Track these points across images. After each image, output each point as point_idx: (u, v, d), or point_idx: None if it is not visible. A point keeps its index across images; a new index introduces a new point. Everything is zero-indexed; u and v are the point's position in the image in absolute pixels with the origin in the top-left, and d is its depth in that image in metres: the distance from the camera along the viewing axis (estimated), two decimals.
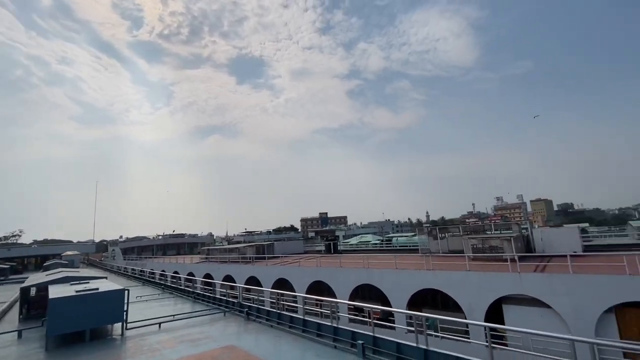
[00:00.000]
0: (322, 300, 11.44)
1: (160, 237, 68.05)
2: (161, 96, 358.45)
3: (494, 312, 13.91)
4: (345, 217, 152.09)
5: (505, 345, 13.36)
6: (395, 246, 38.06)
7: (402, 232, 69.83)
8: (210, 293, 15.23)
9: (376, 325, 8.27)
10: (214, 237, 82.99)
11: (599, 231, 37.94)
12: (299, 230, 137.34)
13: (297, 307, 12.78)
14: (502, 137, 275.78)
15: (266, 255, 29.00)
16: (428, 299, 18.31)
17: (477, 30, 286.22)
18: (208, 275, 29.66)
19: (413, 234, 41.32)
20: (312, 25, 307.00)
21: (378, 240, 45.27)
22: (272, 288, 22.24)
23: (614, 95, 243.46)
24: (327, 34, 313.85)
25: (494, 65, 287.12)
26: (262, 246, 32.39)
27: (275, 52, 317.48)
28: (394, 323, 16.27)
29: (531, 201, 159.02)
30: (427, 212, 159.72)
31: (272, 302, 12.99)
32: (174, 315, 11.72)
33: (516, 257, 14.24)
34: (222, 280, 26.58)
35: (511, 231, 21.12)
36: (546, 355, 5.95)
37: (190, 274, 31.61)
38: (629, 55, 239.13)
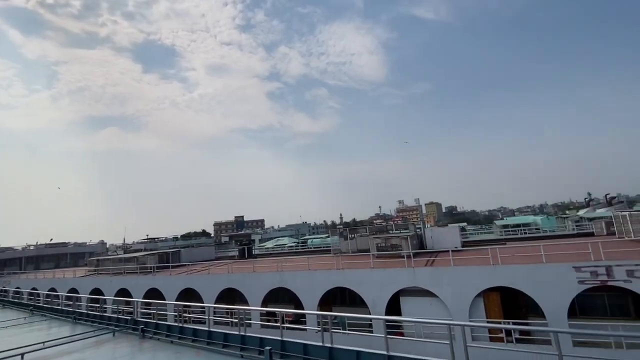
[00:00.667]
0: (231, 309, 10.97)
1: (32, 248, 55.81)
2: (40, 76, 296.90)
3: (394, 304, 15.45)
4: (262, 221, 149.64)
5: (402, 334, 14.97)
6: (310, 248, 39.11)
7: (317, 234, 72.24)
8: (99, 311, 13.07)
9: (288, 328, 8.29)
10: (107, 246, 71.97)
11: (474, 229, 45.91)
12: (212, 235, 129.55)
13: (204, 318, 11.93)
14: (405, 147, 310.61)
15: (170, 264, 26.41)
16: (338, 296, 19.26)
17: (387, 50, 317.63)
18: (97, 291, 25.47)
19: (327, 235, 43.13)
20: (232, 21, 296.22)
21: (294, 242, 45.87)
22: (176, 300, 20.35)
23: (494, 117, 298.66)
24: (247, 32, 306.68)
25: (400, 83, 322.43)
26: (166, 254, 29.39)
27: (190, 42, 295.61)
28: (306, 324, 16.65)
29: (426, 204, 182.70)
30: (340, 214, 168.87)
31: (175, 316, 11.85)
32: (44, 343, 9.64)
33: (411, 254, 16.09)
34: (116, 295, 23.18)
35: (408, 231, 23.81)
36: (429, 340, 6.80)
37: (73, 290, 26.65)
38: (511, 82, 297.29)
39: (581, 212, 35.40)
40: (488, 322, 13.37)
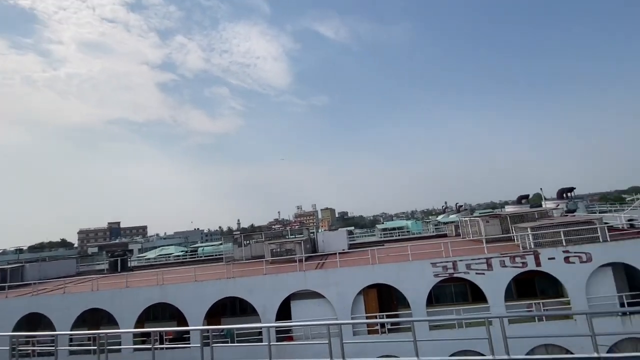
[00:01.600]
0: (91, 334, 9.18)
1: None
2: None
3: (285, 309, 15.63)
4: (144, 228, 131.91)
5: (292, 338, 15.25)
6: (201, 257, 36.37)
7: (212, 242, 67.77)
8: None
9: (168, 348, 7.37)
10: None
11: (360, 232, 50.75)
12: (76, 245, 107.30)
13: (53, 349, 9.62)
14: (305, 154, 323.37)
15: (7, 284, 20.53)
16: (228, 307, 18.37)
17: (291, 59, 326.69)
18: None
19: (220, 242, 40.86)
20: None
21: (182, 251, 41.82)
22: (14, 330, 15.94)
23: (381, 132, 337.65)
24: (137, 13, 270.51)
25: (302, 93, 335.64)
26: (2, 271, 22.79)
27: (58, 10, 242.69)
28: (190, 341, 15.23)
29: (321, 209, 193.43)
30: (238, 220, 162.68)
31: (11, 351, 9.18)
32: None
33: (303, 258, 16.66)
34: None
35: (302, 235, 24.63)
36: (312, 342, 7.08)
37: None
38: (394, 104, 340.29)
39: (439, 218, 43.26)
40: (367, 317, 14.91)
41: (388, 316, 15.08)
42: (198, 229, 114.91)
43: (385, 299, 16.16)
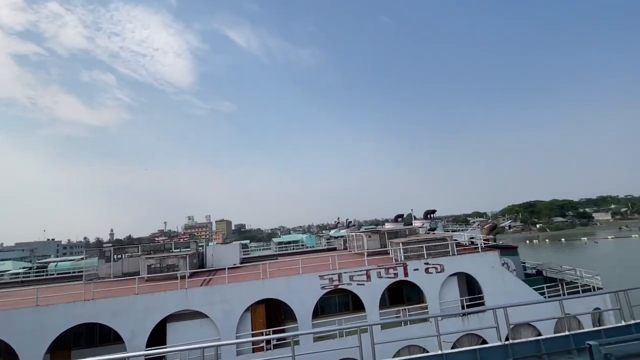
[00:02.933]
0: None
1: None
2: None
3: (159, 333, 13.76)
4: None
5: None
6: (53, 274, 29.31)
7: (72, 255, 55.50)
8: None
9: None
10: None
11: (256, 246, 49.67)
12: None
13: None
14: (203, 161, 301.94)
15: None
16: (84, 336, 15.18)
17: (196, 59, 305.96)
18: None
19: (82, 257, 33.85)
20: None
21: (24, 268, 32.89)
22: None
23: (284, 146, 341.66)
24: None
25: (206, 96, 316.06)
26: None
27: None
28: None
29: (216, 221, 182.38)
30: (111, 230, 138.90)
31: None
32: None
33: (187, 274, 15.15)
34: None
35: (189, 249, 22.55)
36: None
37: None
38: (301, 122, 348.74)
39: (331, 232, 46.00)
40: (252, 334, 14.39)
41: (274, 332, 14.90)
42: (53, 239, 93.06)
43: (273, 314, 15.97)
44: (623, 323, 7.00)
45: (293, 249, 35.55)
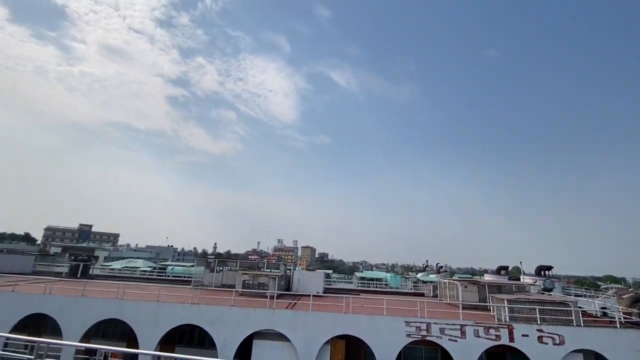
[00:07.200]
0: (31, 341, 8.37)
1: None
2: None
3: (246, 348, 14.61)
4: (116, 235, 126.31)
5: None
6: (169, 276, 34.60)
7: (184, 262, 64.88)
8: None
9: None
10: None
11: (338, 277, 49.37)
12: (39, 242, 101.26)
13: None
14: (297, 189, 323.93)
15: None
16: (185, 335, 17.14)
17: (301, 98, 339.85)
18: None
19: (192, 264, 39.14)
20: (150, 11, 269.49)
21: (150, 267, 39.75)
22: None
23: (375, 180, 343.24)
24: (165, 29, 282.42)
25: (305, 130, 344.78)
26: None
27: (89, 12, 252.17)
28: None
29: (302, 247, 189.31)
30: (215, 244, 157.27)
31: None
32: None
33: (275, 294, 15.95)
34: None
35: (278, 271, 23.85)
36: None
37: None
38: (394, 153, 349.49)
39: (419, 275, 42.65)
40: None
41: None
42: (172, 246, 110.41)
43: (353, 352, 15.35)
44: None
45: (376, 286, 34.10)
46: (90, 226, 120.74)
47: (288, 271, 24.12)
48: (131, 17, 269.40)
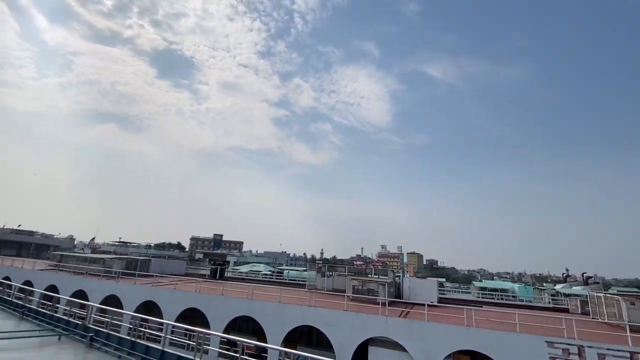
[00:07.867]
0: (191, 330, 10.32)
1: None
2: (54, 63, 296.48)
3: (361, 353, 14.76)
4: (241, 243, 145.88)
5: None
6: (285, 279, 37.89)
7: (295, 266, 70.35)
8: (50, 310, 12.15)
9: None
10: (75, 242, 68.54)
11: (452, 286, 45.34)
12: (187, 249, 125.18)
13: (160, 336, 11.16)
14: (396, 194, 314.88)
15: (137, 272, 25.13)
16: (305, 335, 18.39)
17: (394, 99, 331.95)
18: (53, 288, 23.89)
19: (304, 269, 42.01)
20: (254, 46, 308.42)
21: (269, 271, 44.44)
22: (135, 311, 19.13)
23: (487, 179, 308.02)
24: (266, 59, 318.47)
25: (401, 132, 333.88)
26: (135, 261, 28.10)
27: (209, 58, 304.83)
28: (266, 359, 15.68)
29: (407, 253, 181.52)
30: (322, 250, 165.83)
31: (130, 328, 11.07)
32: None
33: (387, 302, 15.68)
34: (71, 296, 21.71)
35: (387, 277, 23.39)
36: None
37: (28, 282, 24.94)
38: (506, 147, 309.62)
39: (558, 287, 35.45)
40: None
41: None
42: (285, 252, 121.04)
43: None
44: None
45: (502, 298, 29.91)
46: (221, 235, 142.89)
47: (397, 278, 23.42)
48: (239, 55, 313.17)
